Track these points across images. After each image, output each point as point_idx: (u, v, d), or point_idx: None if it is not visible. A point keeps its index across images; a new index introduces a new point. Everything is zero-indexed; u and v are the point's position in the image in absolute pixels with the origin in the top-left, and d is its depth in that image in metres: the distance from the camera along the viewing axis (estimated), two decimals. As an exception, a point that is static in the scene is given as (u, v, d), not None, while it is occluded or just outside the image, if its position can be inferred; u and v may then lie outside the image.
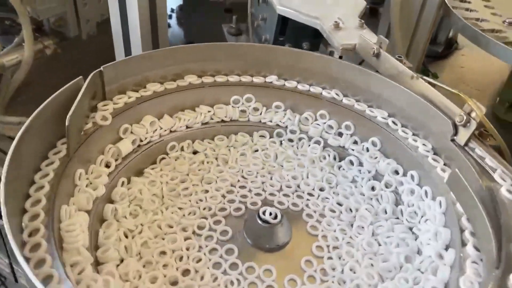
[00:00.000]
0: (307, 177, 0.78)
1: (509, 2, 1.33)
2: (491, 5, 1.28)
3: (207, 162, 0.80)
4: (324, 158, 0.81)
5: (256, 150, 0.83)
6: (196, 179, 0.76)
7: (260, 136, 0.84)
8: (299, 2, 0.91)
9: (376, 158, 0.76)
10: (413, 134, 0.74)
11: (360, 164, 0.78)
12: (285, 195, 0.76)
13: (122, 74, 0.74)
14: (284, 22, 1.01)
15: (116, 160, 0.71)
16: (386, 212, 0.71)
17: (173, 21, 2.06)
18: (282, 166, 0.81)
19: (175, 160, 0.79)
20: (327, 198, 0.75)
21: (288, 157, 0.81)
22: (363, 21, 0.81)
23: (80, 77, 0.64)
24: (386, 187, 0.74)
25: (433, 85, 0.64)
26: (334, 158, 0.81)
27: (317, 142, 0.82)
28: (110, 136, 0.72)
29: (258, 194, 0.75)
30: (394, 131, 0.75)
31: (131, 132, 0.75)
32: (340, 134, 0.81)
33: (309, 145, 0.82)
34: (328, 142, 0.81)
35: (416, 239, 0.66)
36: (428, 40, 1.32)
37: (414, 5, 1.24)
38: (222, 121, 0.83)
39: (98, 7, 1.34)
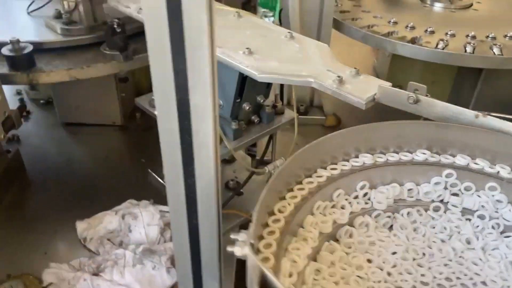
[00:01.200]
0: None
1: (373, 1, 1.50)
2: (366, 9, 1.43)
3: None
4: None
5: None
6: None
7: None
8: (273, 64, 0.86)
9: None
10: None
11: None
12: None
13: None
14: (242, 83, 0.96)
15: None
16: None
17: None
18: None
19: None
20: None
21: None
22: (357, 68, 0.81)
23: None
24: None
25: (506, 119, 0.66)
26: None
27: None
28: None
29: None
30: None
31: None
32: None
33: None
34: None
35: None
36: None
37: (311, 27, 1.31)
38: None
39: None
